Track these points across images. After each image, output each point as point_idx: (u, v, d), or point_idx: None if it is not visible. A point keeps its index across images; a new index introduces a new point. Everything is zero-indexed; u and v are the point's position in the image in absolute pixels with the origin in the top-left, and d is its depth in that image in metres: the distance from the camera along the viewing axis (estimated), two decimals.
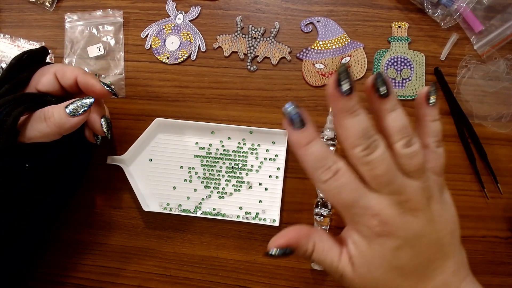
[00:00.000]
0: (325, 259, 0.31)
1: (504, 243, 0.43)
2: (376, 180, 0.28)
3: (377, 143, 0.28)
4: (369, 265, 0.30)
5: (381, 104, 0.29)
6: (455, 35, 0.46)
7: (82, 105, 0.36)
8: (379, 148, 0.28)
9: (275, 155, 0.46)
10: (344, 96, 0.27)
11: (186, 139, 0.47)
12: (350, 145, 0.28)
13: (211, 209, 0.46)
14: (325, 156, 0.28)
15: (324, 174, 0.28)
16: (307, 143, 0.28)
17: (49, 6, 0.50)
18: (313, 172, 0.29)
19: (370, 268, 0.30)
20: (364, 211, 0.28)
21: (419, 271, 0.29)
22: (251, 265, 0.45)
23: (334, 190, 0.28)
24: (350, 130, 0.28)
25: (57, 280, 0.47)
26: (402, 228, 0.28)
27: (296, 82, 0.47)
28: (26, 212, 0.39)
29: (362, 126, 0.28)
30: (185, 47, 0.49)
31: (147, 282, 0.46)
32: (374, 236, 0.29)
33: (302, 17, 0.48)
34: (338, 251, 0.31)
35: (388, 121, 0.29)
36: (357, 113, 0.28)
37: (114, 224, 0.47)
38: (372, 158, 0.28)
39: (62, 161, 0.41)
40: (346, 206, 0.29)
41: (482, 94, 0.45)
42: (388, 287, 0.30)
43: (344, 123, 0.28)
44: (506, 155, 0.44)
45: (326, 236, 0.32)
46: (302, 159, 0.29)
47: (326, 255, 0.31)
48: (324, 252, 0.31)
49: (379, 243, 0.29)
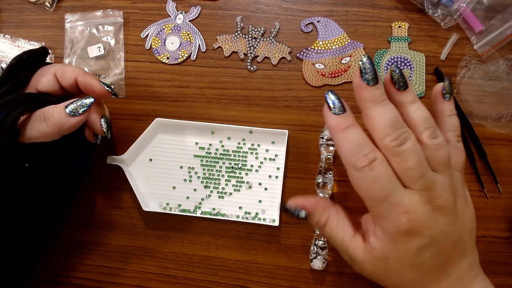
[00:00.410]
0: (336, 235, 0.31)
1: (504, 243, 0.43)
2: (408, 173, 0.28)
3: (408, 134, 0.28)
4: (387, 259, 0.29)
5: (401, 97, 0.29)
6: (455, 35, 0.46)
7: (82, 105, 0.36)
8: (410, 139, 0.27)
9: (275, 155, 0.46)
10: (370, 86, 0.27)
11: (186, 139, 0.47)
12: (380, 135, 0.28)
13: (210, 209, 0.46)
14: (363, 142, 0.28)
15: (360, 161, 0.27)
16: (346, 127, 0.28)
17: (49, 6, 0.50)
18: (349, 158, 0.28)
19: (387, 262, 0.29)
20: (394, 207, 0.28)
21: (437, 269, 0.29)
22: (251, 265, 0.45)
23: (368, 180, 0.28)
24: (379, 119, 0.28)
25: (57, 280, 0.47)
26: (431, 227, 0.28)
27: (296, 82, 0.47)
28: (26, 212, 0.39)
29: (391, 115, 0.28)
30: (185, 47, 0.49)
31: (147, 282, 0.46)
32: (400, 234, 0.28)
33: (302, 17, 0.48)
34: (351, 232, 0.31)
35: (411, 113, 0.29)
36: (384, 102, 0.28)
37: (114, 224, 0.47)
38: (404, 149, 0.27)
39: (62, 161, 0.41)
40: (377, 199, 0.28)
41: (482, 94, 0.45)
42: (401, 279, 0.30)
43: (372, 113, 0.28)
44: (506, 155, 0.44)
45: (343, 214, 0.32)
46: (339, 143, 0.28)
47: (338, 232, 0.31)
48: (337, 228, 0.31)
49: (403, 242, 0.28)
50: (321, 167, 0.44)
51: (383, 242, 0.29)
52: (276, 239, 0.45)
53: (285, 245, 0.45)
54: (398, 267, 0.29)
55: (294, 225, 0.45)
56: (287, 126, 0.46)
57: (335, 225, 0.31)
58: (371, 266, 0.30)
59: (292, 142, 0.46)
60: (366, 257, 0.30)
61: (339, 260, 0.44)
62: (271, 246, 0.45)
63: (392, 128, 0.27)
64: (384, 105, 0.28)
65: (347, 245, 0.30)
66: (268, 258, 0.45)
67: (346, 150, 0.28)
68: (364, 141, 0.28)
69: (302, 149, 0.46)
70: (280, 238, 0.45)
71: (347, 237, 0.31)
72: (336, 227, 0.31)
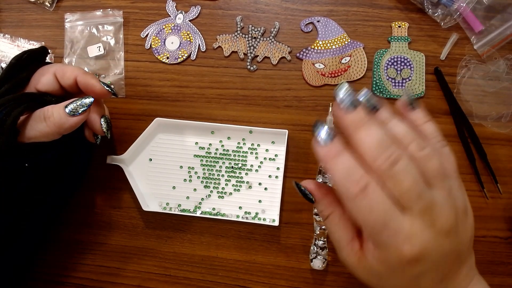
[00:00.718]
0: (335, 233, 0.31)
1: (504, 243, 0.43)
2: (405, 196, 0.26)
3: (399, 153, 0.26)
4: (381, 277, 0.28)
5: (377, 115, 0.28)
6: (455, 35, 0.46)
7: (81, 105, 0.36)
8: (402, 158, 0.26)
9: (274, 155, 0.46)
10: (349, 111, 0.27)
11: (186, 139, 0.47)
12: (370, 159, 0.26)
13: (210, 209, 0.46)
14: (353, 168, 0.27)
15: (352, 189, 0.26)
16: (334, 155, 0.27)
17: (49, 6, 0.50)
18: (342, 186, 0.27)
19: (381, 279, 0.29)
20: (395, 235, 0.26)
21: (435, 284, 0.28)
22: (251, 265, 0.45)
23: (363, 209, 0.26)
24: (365, 142, 0.26)
25: (57, 280, 0.47)
26: (433, 253, 0.27)
27: (296, 82, 0.47)
28: (26, 212, 0.39)
29: (376, 136, 0.26)
30: (185, 47, 0.49)
31: (147, 282, 0.46)
32: (401, 263, 0.27)
33: (302, 17, 0.48)
34: (349, 236, 0.30)
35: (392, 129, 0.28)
36: (367, 124, 0.27)
37: (114, 224, 0.47)
38: (397, 170, 0.26)
39: (62, 161, 0.41)
40: (375, 228, 0.27)
41: (482, 94, 0.45)
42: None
43: (357, 138, 0.27)
44: (506, 155, 0.44)
45: (347, 217, 0.30)
46: (332, 173, 0.27)
47: (337, 230, 0.30)
48: (337, 226, 0.30)
49: (403, 269, 0.27)
50: (321, 167, 0.44)
51: (381, 265, 0.28)
52: (276, 239, 0.45)
53: (285, 245, 0.45)
54: (393, 284, 0.29)
55: (294, 225, 0.45)
56: (287, 126, 0.46)
57: (336, 223, 0.31)
58: (363, 275, 0.29)
59: (292, 142, 0.46)
60: (359, 265, 0.29)
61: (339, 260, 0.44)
62: (271, 246, 0.45)
63: (380, 148, 0.26)
64: (368, 127, 0.26)
65: (343, 247, 0.30)
66: (268, 258, 0.45)
67: (338, 179, 0.27)
68: (354, 166, 0.27)
69: (302, 149, 0.46)
70: (280, 238, 0.45)
71: (343, 239, 0.30)
72: (336, 225, 0.30)
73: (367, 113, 0.27)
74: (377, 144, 0.26)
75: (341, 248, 0.30)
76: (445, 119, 0.45)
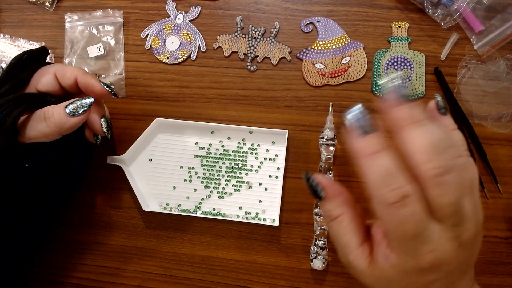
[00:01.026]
0: (343, 236, 0.29)
1: (504, 243, 0.43)
2: (445, 210, 0.24)
3: (454, 163, 0.24)
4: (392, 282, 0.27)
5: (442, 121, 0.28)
6: (455, 35, 0.46)
7: (82, 105, 0.36)
8: (455, 169, 0.24)
9: (275, 155, 0.46)
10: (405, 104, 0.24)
11: (186, 139, 0.47)
12: (421, 159, 0.23)
13: (211, 209, 0.46)
14: (395, 173, 0.24)
15: (390, 196, 0.24)
16: (373, 152, 0.24)
17: (49, 6, 0.50)
18: (377, 189, 0.24)
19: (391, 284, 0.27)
20: (422, 245, 0.25)
21: None
22: (251, 265, 0.45)
23: (398, 217, 0.24)
24: (420, 141, 0.23)
25: (57, 280, 0.47)
26: (451, 263, 0.26)
27: (296, 82, 0.47)
28: (26, 212, 0.39)
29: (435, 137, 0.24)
30: (185, 47, 0.49)
31: (147, 282, 0.46)
32: (419, 271, 0.26)
33: (302, 17, 0.48)
34: (359, 240, 0.28)
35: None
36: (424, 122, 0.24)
37: (114, 224, 0.47)
38: (446, 180, 0.23)
39: (62, 161, 0.41)
40: (404, 237, 0.25)
41: (482, 94, 0.45)
42: None
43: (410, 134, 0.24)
44: (506, 155, 0.44)
45: (359, 219, 0.29)
46: (365, 171, 0.25)
47: (346, 233, 0.28)
48: (345, 230, 0.28)
49: (418, 276, 0.26)
50: (321, 167, 0.44)
51: (394, 270, 0.26)
52: (276, 239, 0.45)
53: (285, 245, 0.45)
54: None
55: (294, 225, 0.45)
56: (287, 126, 0.46)
57: (345, 225, 0.28)
58: (372, 280, 0.28)
59: (292, 142, 0.46)
60: (368, 271, 0.28)
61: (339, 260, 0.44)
62: (271, 246, 0.45)
63: (435, 152, 0.23)
64: (424, 126, 0.23)
65: (351, 251, 0.28)
66: (268, 258, 0.45)
67: (373, 181, 0.24)
68: (396, 171, 0.24)
69: (302, 149, 0.46)
70: (280, 238, 0.45)
71: (353, 243, 0.28)
72: (345, 227, 0.28)
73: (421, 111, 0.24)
74: (432, 147, 0.23)
75: (349, 252, 0.29)
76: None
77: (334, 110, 0.46)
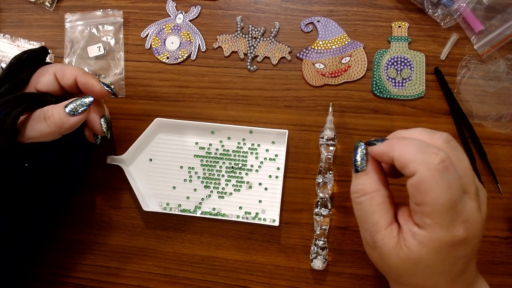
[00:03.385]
0: (374, 214, 0.29)
1: (504, 243, 0.43)
2: (467, 175, 0.27)
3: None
4: (420, 262, 0.27)
5: None
6: (455, 35, 0.46)
7: (81, 104, 0.36)
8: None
9: (275, 155, 0.46)
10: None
11: (186, 139, 0.47)
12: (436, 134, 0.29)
13: (211, 209, 0.46)
14: (427, 143, 0.27)
15: (433, 157, 0.26)
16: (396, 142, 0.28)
17: (49, 6, 0.50)
18: (418, 155, 0.26)
19: (418, 264, 0.27)
20: (457, 216, 0.26)
21: (458, 274, 0.28)
22: (251, 265, 0.45)
23: (444, 182, 0.25)
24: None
25: (57, 280, 0.47)
26: (478, 235, 0.27)
27: (296, 82, 0.47)
28: (26, 212, 0.39)
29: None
30: (185, 47, 0.49)
31: (147, 282, 0.46)
32: (452, 244, 0.26)
33: (302, 17, 0.48)
34: (389, 219, 0.29)
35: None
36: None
37: (114, 224, 0.47)
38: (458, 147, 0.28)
39: (62, 161, 0.41)
40: (446, 207, 0.26)
41: (482, 94, 0.45)
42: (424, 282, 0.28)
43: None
44: (506, 155, 0.44)
45: (390, 201, 0.29)
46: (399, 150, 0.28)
47: (377, 211, 0.29)
48: (377, 207, 0.29)
49: (449, 251, 0.26)
50: (321, 167, 0.44)
51: (424, 247, 0.27)
52: (276, 239, 0.45)
53: (285, 245, 0.45)
54: (428, 271, 0.27)
55: (294, 225, 0.45)
56: (287, 126, 0.46)
57: (378, 203, 0.29)
58: (397, 261, 0.28)
59: (292, 142, 0.46)
60: (395, 251, 0.28)
61: (339, 260, 0.44)
62: (271, 246, 0.45)
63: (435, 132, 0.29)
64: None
65: (379, 230, 0.28)
66: (268, 258, 0.45)
67: (412, 153, 0.26)
68: (424, 142, 0.27)
69: (302, 149, 0.46)
70: (280, 238, 0.45)
71: (383, 222, 0.28)
72: (377, 205, 0.29)
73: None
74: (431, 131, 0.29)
75: (377, 230, 0.28)
76: (445, 119, 0.45)
77: (334, 110, 0.46)
